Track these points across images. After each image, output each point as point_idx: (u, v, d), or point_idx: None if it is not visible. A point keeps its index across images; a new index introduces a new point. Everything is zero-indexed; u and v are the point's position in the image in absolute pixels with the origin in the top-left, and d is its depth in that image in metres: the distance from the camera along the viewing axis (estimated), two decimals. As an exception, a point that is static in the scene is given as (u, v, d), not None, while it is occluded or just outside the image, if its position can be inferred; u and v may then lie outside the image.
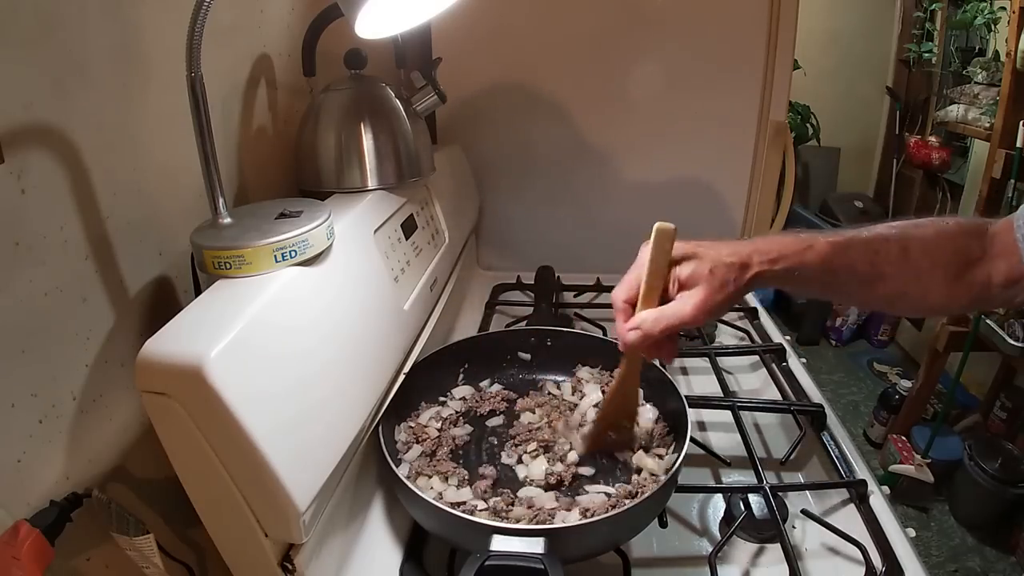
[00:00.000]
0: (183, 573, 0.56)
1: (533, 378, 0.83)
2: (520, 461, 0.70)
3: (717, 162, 1.18)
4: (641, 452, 0.68)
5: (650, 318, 0.55)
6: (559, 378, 0.83)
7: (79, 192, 0.48)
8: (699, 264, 0.55)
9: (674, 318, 0.54)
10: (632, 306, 0.57)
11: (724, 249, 0.56)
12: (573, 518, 0.60)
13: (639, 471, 0.67)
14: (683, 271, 0.55)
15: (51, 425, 0.46)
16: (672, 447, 0.69)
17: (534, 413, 0.76)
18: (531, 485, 0.66)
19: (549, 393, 0.79)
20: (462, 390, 0.80)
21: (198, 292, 0.57)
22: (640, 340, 0.55)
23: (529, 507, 0.62)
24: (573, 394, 0.79)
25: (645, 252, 0.56)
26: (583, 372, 0.82)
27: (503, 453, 0.71)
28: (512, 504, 0.63)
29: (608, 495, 0.63)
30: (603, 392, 0.77)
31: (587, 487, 0.66)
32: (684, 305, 0.54)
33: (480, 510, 0.62)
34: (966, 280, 0.56)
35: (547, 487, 0.66)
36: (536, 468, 0.68)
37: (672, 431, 0.71)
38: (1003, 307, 1.82)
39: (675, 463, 0.61)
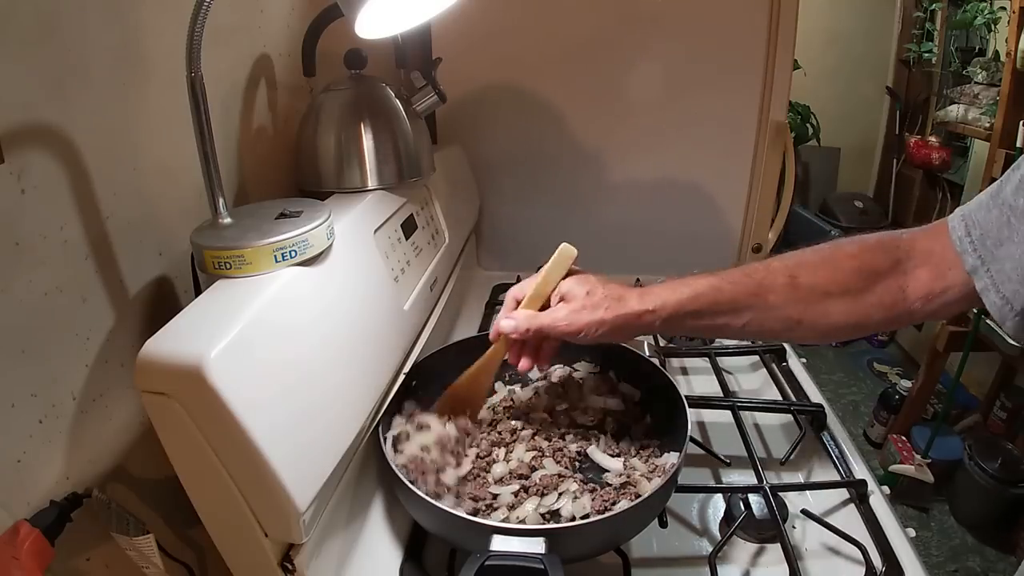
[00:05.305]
0: (183, 573, 0.56)
1: (532, 378, 0.83)
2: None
3: (717, 162, 1.18)
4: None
5: (525, 314, 0.63)
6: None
7: (79, 192, 0.48)
8: (581, 284, 0.62)
9: (546, 319, 0.61)
10: (518, 304, 0.65)
11: (613, 284, 0.62)
12: (573, 509, 0.61)
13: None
14: (565, 286, 0.62)
15: (51, 425, 0.46)
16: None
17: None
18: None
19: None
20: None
21: (198, 292, 0.57)
22: (510, 328, 0.63)
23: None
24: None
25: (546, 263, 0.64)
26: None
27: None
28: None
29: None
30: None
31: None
32: (557, 311, 0.61)
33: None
34: (874, 295, 0.55)
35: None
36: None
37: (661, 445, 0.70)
38: (926, 321, 1.75)
39: (675, 463, 0.61)
